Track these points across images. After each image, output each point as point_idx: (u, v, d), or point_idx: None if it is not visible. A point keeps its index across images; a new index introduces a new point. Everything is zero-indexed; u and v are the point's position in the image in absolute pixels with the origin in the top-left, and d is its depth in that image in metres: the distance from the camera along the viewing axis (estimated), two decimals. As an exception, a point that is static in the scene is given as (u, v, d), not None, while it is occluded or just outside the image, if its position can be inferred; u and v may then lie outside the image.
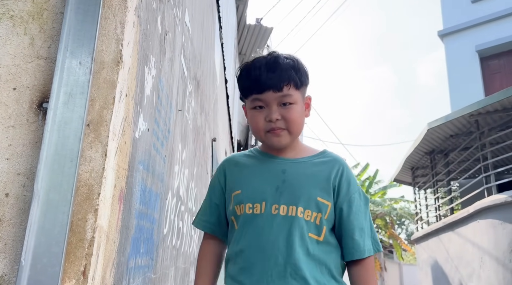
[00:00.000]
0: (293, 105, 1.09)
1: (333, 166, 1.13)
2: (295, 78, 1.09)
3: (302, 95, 1.13)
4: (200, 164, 2.82)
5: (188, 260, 2.38)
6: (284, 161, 1.14)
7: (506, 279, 5.59)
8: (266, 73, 1.08)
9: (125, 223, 1.11)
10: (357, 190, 1.13)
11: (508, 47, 10.02)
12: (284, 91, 1.08)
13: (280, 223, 1.07)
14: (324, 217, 1.08)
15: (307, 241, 1.06)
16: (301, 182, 1.10)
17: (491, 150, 6.63)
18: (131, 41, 1.09)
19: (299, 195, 1.08)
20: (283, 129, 1.10)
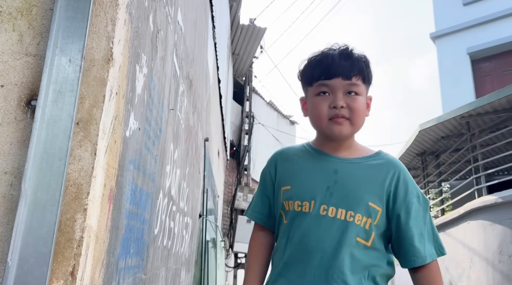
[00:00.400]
0: (359, 96, 1.09)
1: (388, 170, 1.10)
2: (365, 71, 1.10)
3: (366, 92, 1.13)
4: (192, 164, 2.81)
5: (179, 261, 2.37)
6: (337, 160, 1.12)
7: (496, 280, 5.64)
8: (338, 60, 1.08)
9: (115, 223, 1.10)
10: (415, 195, 1.09)
11: (498, 50, 10.12)
12: (353, 80, 1.08)
13: (328, 225, 1.06)
14: (374, 222, 1.06)
15: (354, 245, 1.05)
16: (353, 185, 1.08)
17: (482, 152, 6.69)
18: (122, 39, 1.08)
19: (350, 198, 1.06)
20: (346, 118, 1.07)
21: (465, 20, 10.66)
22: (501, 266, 5.60)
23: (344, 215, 1.05)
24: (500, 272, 5.60)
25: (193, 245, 3.07)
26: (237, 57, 9.48)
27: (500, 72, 10.09)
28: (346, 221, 1.05)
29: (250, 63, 10.01)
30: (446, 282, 7.35)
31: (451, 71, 10.56)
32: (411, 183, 1.10)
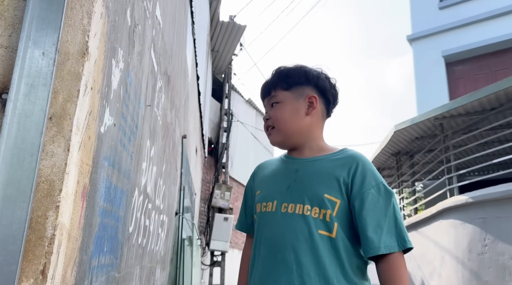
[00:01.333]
0: (279, 104, 1.20)
1: (347, 163, 1.13)
2: (280, 82, 1.21)
3: (295, 95, 1.20)
4: (169, 161, 2.78)
5: (154, 259, 2.34)
6: (300, 161, 1.19)
7: (465, 278, 5.81)
8: (262, 86, 1.27)
9: (88, 221, 1.08)
10: (374, 185, 1.09)
11: (471, 54, 10.41)
12: (272, 94, 1.22)
13: (288, 221, 1.10)
14: (333, 213, 1.08)
15: (316, 238, 1.07)
16: (310, 180, 1.13)
17: (454, 153, 6.87)
18: (98, 33, 1.06)
19: (306, 192, 1.11)
20: (272, 127, 1.21)
21: (441, 23, 10.92)
22: (470, 264, 5.77)
23: (301, 210, 1.09)
24: (469, 270, 5.78)
25: (169, 243, 3.04)
26: (217, 54, 9.44)
27: (472, 75, 10.38)
28: (304, 215, 1.09)
29: (230, 61, 9.98)
30: (418, 279, 7.53)
31: (426, 73, 10.80)
32: (370, 174, 1.11)
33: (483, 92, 6.07)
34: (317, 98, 1.20)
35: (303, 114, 1.19)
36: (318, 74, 1.23)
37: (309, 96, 1.20)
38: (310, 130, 1.20)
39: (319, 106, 1.21)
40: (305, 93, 1.20)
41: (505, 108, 6.25)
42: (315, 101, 1.20)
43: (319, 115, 1.22)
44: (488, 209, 5.60)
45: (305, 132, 1.19)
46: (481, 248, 5.63)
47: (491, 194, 5.57)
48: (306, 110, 1.19)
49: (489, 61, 10.28)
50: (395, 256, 1.04)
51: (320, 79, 1.22)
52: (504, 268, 5.26)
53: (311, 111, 1.19)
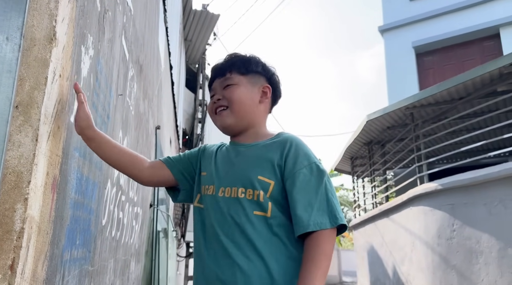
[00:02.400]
0: (235, 86, 1.21)
1: (280, 145, 1.15)
2: (239, 66, 1.23)
3: (251, 81, 1.23)
4: (143, 152, 2.73)
5: (129, 252, 2.31)
6: (241, 147, 1.22)
7: (434, 262, 6.02)
8: (215, 67, 1.27)
9: (59, 213, 1.04)
10: (306, 165, 1.10)
11: (441, 45, 10.66)
12: (226, 76, 1.22)
13: (224, 204, 1.12)
14: (266, 194, 1.10)
15: (252, 219, 1.08)
16: (245, 164, 1.15)
17: (424, 141, 7.05)
18: (67, 18, 1.01)
19: (241, 176, 1.13)
20: (225, 108, 1.21)
21: (411, 14, 11.12)
22: (439, 249, 5.97)
23: (236, 192, 1.12)
24: (438, 255, 5.98)
25: (144, 235, 3.00)
26: (190, 43, 9.29)
27: (441, 65, 10.65)
28: (238, 197, 1.11)
29: (203, 50, 9.85)
30: (390, 265, 7.74)
31: (397, 64, 11.00)
32: (303, 154, 1.12)
33: (451, 82, 6.23)
34: (270, 90, 1.25)
35: (257, 101, 1.22)
36: (273, 70, 1.28)
37: (264, 86, 1.24)
38: (259, 119, 1.24)
39: (269, 98, 1.26)
40: (260, 82, 1.24)
41: (472, 98, 6.44)
42: (268, 92, 1.25)
43: (267, 107, 1.27)
44: (456, 196, 5.80)
45: (254, 118, 1.23)
46: (449, 233, 5.83)
47: (459, 181, 5.75)
48: (259, 98, 1.23)
49: (457, 52, 10.57)
50: (324, 233, 1.04)
51: (274, 75, 1.28)
52: (471, 252, 5.47)
53: (264, 100, 1.24)
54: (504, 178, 5.19)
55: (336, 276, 24.47)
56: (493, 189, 5.32)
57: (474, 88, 6.32)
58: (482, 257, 5.32)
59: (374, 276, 8.62)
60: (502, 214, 5.17)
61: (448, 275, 5.77)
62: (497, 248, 5.17)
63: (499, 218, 5.20)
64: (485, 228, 5.34)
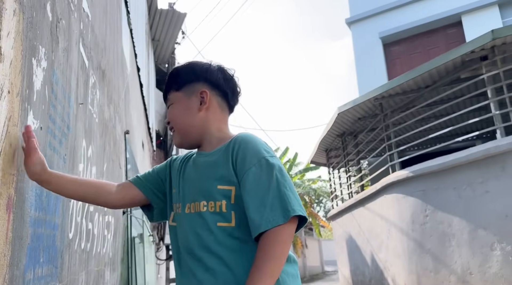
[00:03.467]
0: (172, 105, 1.21)
1: (230, 148, 1.10)
2: (171, 84, 1.23)
3: (187, 94, 1.20)
4: (111, 159, 2.68)
5: (102, 262, 2.27)
6: (199, 157, 1.18)
7: (410, 247, 6.18)
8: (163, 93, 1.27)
9: (18, 233, 1.01)
10: (255, 163, 1.05)
11: (406, 34, 10.89)
12: (167, 97, 1.24)
13: (188, 221, 1.10)
14: (230, 202, 1.05)
15: (217, 232, 1.04)
16: (203, 175, 1.12)
17: (394, 130, 7.21)
18: (12, 31, 0.98)
19: (201, 189, 1.10)
20: (172, 129, 1.22)
21: (377, 5, 11.30)
22: (414, 234, 6.13)
23: (198, 207, 1.08)
24: (413, 240, 6.14)
25: (118, 243, 2.95)
26: (158, 43, 9.16)
27: (408, 55, 10.89)
28: (201, 212, 1.07)
29: (172, 50, 9.74)
30: (367, 253, 7.89)
31: (366, 55, 11.18)
32: (250, 152, 1.07)
33: (417, 71, 6.38)
34: (207, 93, 1.19)
35: (196, 111, 1.18)
36: (207, 68, 1.21)
37: (200, 92, 1.19)
38: (207, 126, 1.18)
39: (214, 99, 1.20)
40: (196, 89, 1.20)
41: (438, 86, 6.62)
42: (205, 96, 1.18)
43: (216, 109, 1.20)
44: (427, 182, 5.96)
45: (200, 128, 1.18)
46: (423, 219, 5.99)
47: (429, 167, 5.91)
48: (199, 106, 1.18)
49: (423, 40, 10.82)
50: (277, 230, 0.97)
51: (209, 73, 1.21)
52: (444, 235, 5.64)
53: (203, 107, 1.18)
54: (471, 162, 5.37)
55: (318, 266, 24.86)
56: (462, 173, 5.50)
57: (439, 76, 6.49)
58: (455, 240, 5.50)
59: (354, 264, 8.78)
60: (471, 197, 5.35)
61: (424, 259, 5.94)
62: (467, 230, 5.35)
63: (468, 201, 5.38)
64: (455, 211, 5.52)
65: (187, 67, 1.24)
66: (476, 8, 9.99)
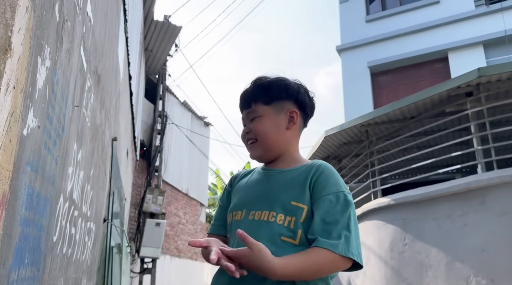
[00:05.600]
0: (260, 118, 1.20)
1: (311, 169, 1.13)
2: (261, 96, 1.21)
3: (276, 110, 1.20)
4: (98, 165, 2.64)
5: (80, 269, 2.21)
6: (273, 172, 1.20)
7: (387, 275, 6.19)
8: (242, 97, 1.26)
9: (7, 231, 0.98)
10: (333, 192, 1.08)
11: (394, 66, 11.16)
12: (252, 108, 1.21)
13: (253, 227, 1.09)
14: (300, 220, 1.07)
15: (280, 245, 1.05)
16: (278, 189, 1.13)
17: (378, 158, 7.31)
18: (23, 28, 0.98)
19: (274, 200, 1.11)
20: (254, 141, 1.21)
21: (367, 36, 11.59)
22: (392, 262, 6.16)
23: (266, 216, 1.09)
24: (391, 268, 6.16)
25: (96, 251, 2.88)
26: (150, 53, 9.18)
27: (394, 86, 11.13)
28: (268, 221, 1.08)
29: (164, 61, 9.76)
30: (345, 278, 7.87)
31: (353, 82, 11.39)
32: (332, 181, 1.10)
33: (404, 102, 6.52)
34: (298, 114, 1.22)
35: (284, 128, 1.20)
36: (298, 89, 1.24)
37: (290, 111, 1.21)
38: (289, 144, 1.22)
39: (299, 120, 1.23)
40: (285, 107, 1.21)
41: (423, 117, 6.77)
42: (295, 117, 1.21)
43: (297, 129, 1.24)
44: (408, 210, 6.03)
45: (283, 146, 1.21)
46: (401, 247, 6.03)
47: (410, 197, 5.99)
48: (287, 124, 1.20)
49: (410, 73, 11.10)
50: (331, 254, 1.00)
51: (300, 94, 1.23)
52: (422, 265, 5.68)
53: (292, 126, 1.21)
54: (451, 194, 5.46)
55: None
56: (442, 204, 5.58)
57: (425, 109, 6.65)
58: (432, 271, 5.54)
59: (330, 289, 8.72)
60: (450, 229, 5.43)
61: (400, 288, 5.94)
62: (445, 262, 5.40)
63: (447, 232, 5.45)
64: (434, 242, 5.57)
65: (280, 83, 1.23)
66: (463, 46, 10.33)
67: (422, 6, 11.17)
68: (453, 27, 10.60)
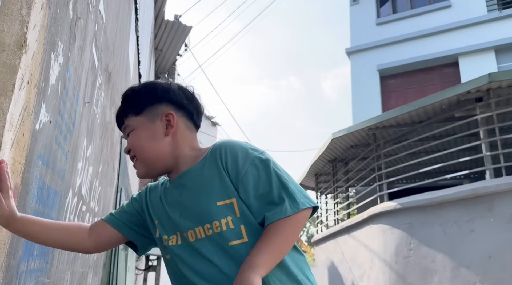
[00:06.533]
0: (134, 132, 1.08)
1: (214, 156, 1.02)
2: (130, 108, 1.09)
3: (150, 118, 1.07)
4: (106, 162, 2.67)
5: (86, 264, 2.24)
6: (178, 181, 1.06)
7: (392, 280, 6.16)
8: (116, 116, 1.15)
9: (18, 223, 1.01)
10: (248, 165, 0.98)
11: (403, 69, 11.12)
12: (125, 123, 1.10)
13: (194, 251, 0.99)
14: (236, 216, 0.96)
15: (230, 253, 0.95)
16: (195, 198, 1.01)
17: (385, 161, 7.28)
18: (38, 25, 1.00)
19: (198, 212, 0.99)
20: (136, 158, 1.08)
21: (377, 39, 11.56)
22: (397, 266, 6.13)
23: (204, 232, 0.98)
24: (396, 272, 6.13)
25: (103, 246, 2.91)
26: (160, 53, 9.23)
27: (404, 89, 11.09)
28: (207, 236, 0.98)
29: (174, 61, 9.81)
30: (349, 281, 7.85)
31: (362, 85, 11.37)
32: (240, 155, 1.00)
33: (412, 106, 6.50)
34: (173, 115, 1.07)
35: (162, 136, 1.06)
36: (168, 88, 1.10)
37: (166, 114, 1.07)
38: (176, 149, 1.07)
39: (180, 121, 1.09)
40: (159, 112, 1.07)
41: (432, 122, 6.74)
42: (172, 119, 1.07)
43: (184, 131, 1.09)
44: (414, 215, 6.00)
45: (170, 154, 1.06)
46: (407, 252, 6.00)
47: (417, 201, 5.96)
48: (165, 130, 1.06)
49: (419, 77, 11.05)
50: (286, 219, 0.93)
51: (172, 93, 1.10)
52: (427, 270, 5.65)
53: (170, 131, 1.07)
54: (459, 199, 5.43)
55: (296, 292, 24.49)
56: (449, 210, 5.55)
57: (434, 113, 6.62)
58: (437, 276, 5.50)
59: (334, 292, 8.71)
60: (456, 234, 5.39)
61: (404, 292, 5.91)
62: (450, 267, 5.36)
63: (453, 238, 5.42)
64: (440, 247, 5.54)
65: (146, 87, 1.11)
66: (474, 51, 10.27)
67: (434, 10, 11.12)
68: (465, 31, 10.53)
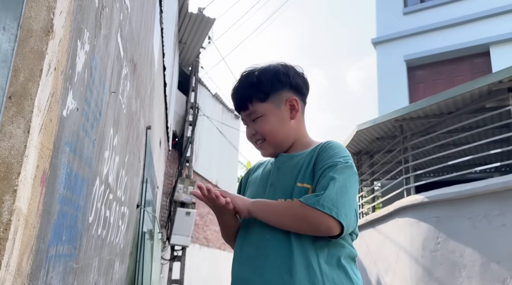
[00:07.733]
0: (262, 118, 1.17)
1: (316, 149, 1.13)
2: (255, 94, 1.16)
3: (275, 104, 1.17)
4: (132, 152, 2.71)
5: (113, 251, 2.28)
6: (284, 158, 1.19)
7: (418, 274, 6.05)
8: (237, 95, 1.21)
9: (47, 208, 1.03)
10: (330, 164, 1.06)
11: (431, 60, 10.81)
12: (250, 109, 1.18)
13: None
14: None
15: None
16: (286, 174, 1.14)
17: (412, 154, 7.12)
18: (64, 11, 1.01)
19: (281, 187, 1.12)
20: (263, 140, 1.19)
21: (404, 28, 11.26)
22: (423, 261, 6.01)
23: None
24: (422, 267, 6.02)
25: (129, 235, 2.97)
26: (184, 46, 9.29)
27: (432, 80, 10.79)
28: None
29: (197, 53, 9.86)
30: (373, 275, 7.76)
31: (389, 76, 11.12)
32: (331, 153, 1.09)
33: (441, 96, 6.32)
34: (297, 100, 1.18)
35: (288, 120, 1.18)
36: (287, 73, 1.18)
37: (290, 100, 1.18)
38: (297, 132, 1.20)
39: (300, 105, 1.20)
40: (283, 98, 1.17)
41: (461, 113, 6.54)
42: (296, 104, 1.18)
43: (301, 113, 1.21)
44: (441, 209, 5.85)
45: (293, 136, 1.19)
46: (434, 246, 5.88)
47: (445, 194, 5.81)
48: (290, 114, 1.18)
49: (448, 67, 10.72)
50: (299, 204, 1.03)
51: (292, 78, 1.19)
52: (454, 265, 5.52)
53: (295, 115, 1.18)
54: (489, 193, 5.26)
55: None
56: (478, 203, 5.38)
57: (463, 104, 6.41)
58: (465, 271, 5.37)
59: (358, 286, 8.63)
60: (486, 228, 5.23)
61: (431, 287, 5.80)
62: (479, 262, 5.22)
63: (483, 232, 5.26)
64: (469, 241, 5.40)
65: (269, 74, 1.18)
66: (506, 40, 9.87)
67: (463, -2, 10.74)
68: (496, 20, 10.13)
